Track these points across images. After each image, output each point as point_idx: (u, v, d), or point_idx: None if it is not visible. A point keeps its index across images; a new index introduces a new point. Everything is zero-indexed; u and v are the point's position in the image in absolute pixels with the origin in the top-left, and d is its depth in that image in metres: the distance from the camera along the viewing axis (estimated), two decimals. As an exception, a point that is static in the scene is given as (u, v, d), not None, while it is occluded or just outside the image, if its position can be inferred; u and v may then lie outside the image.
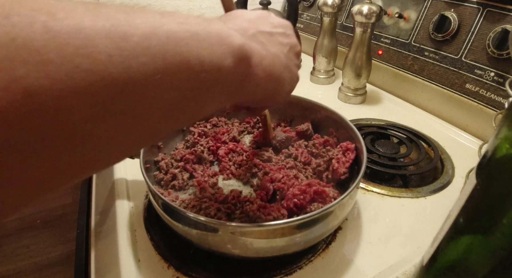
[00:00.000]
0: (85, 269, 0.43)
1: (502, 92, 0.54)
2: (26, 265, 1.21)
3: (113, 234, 0.40)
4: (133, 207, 0.43)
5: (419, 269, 0.28)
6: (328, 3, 0.70)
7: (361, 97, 0.70)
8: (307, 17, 1.00)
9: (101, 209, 0.48)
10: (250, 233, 0.30)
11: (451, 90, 0.62)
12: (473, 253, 0.22)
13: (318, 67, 0.80)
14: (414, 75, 0.68)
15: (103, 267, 0.39)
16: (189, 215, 0.30)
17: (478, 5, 0.57)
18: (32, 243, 1.29)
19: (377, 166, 0.48)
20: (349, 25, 0.85)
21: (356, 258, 0.36)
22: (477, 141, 0.57)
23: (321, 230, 0.32)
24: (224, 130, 0.49)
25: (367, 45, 0.64)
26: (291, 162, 0.44)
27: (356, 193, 0.37)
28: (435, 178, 0.49)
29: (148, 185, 0.34)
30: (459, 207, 0.22)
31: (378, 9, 0.60)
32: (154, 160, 0.44)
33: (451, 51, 0.61)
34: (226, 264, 0.35)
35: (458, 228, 0.22)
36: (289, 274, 0.34)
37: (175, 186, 0.41)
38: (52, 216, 1.42)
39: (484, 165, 0.19)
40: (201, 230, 0.30)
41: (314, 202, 0.36)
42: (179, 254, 0.36)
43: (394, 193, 0.45)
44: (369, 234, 0.39)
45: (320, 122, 0.49)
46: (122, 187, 0.46)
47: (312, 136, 0.48)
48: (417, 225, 0.41)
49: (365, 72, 0.67)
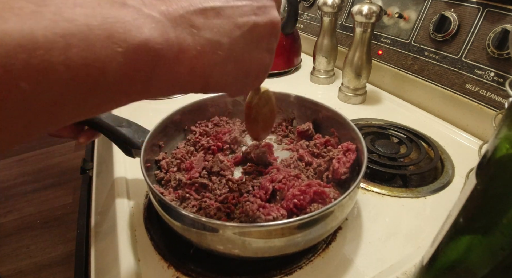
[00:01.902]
0: (85, 269, 0.43)
1: (502, 92, 0.54)
2: (26, 265, 1.21)
3: (113, 234, 0.40)
4: (133, 206, 0.43)
5: (419, 269, 0.28)
6: (328, 3, 0.70)
7: (361, 97, 0.70)
8: (307, 17, 1.00)
9: (101, 209, 0.48)
10: (251, 233, 0.29)
11: (451, 90, 0.62)
12: (473, 253, 0.22)
13: (318, 67, 0.80)
14: (414, 75, 0.68)
15: (103, 267, 0.39)
16: (189, 215, 0.30)
17: (478, 5, 0.57)
18: (32, 243, 1.29)
19: (377, 165, 0.48)
20: (349, 25, 0.85)
21: (356, 258, 0.36)
22: (477, 141, 0.57)
23: (322, 230, 0.32)
24: (226, 130, 0.49)
25: (367, 45, 0.64)
26: (294, 161, 0.44)
27: (356, 193, 0.37)
28: (435, 178, 0.49)
29: (148, 184, 0.34)
30: (459, 207, 0.22)
31: (378, 9, 0.60)
32: (155, 159, 0.44)
33: (451, 51, 0.61)
34: (226, 264, 0.35)
35: (458, 228, 0.22)
36: (289, 274, 0.34)
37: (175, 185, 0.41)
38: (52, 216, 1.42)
39: (484, 165, 0.19)
40: (201, 230, 0.30)
41: (314, 202, 0.36)
42: (179, 254, 0.36)
43: (394, 193, 0.45)
44: (369, 234, 0.39)
45: (321, 122, 0.49)
46: (122, 187, 0.46)
47: (314, 137, 0.48)
48: (417, 225, 0.41)
49: (365, 72, 0.67)
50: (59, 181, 1.63)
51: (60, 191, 1.57)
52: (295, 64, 0.89)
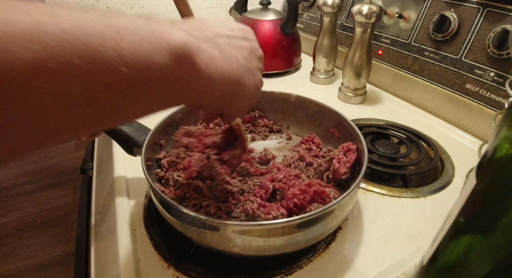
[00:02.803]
0: (85, 269, 0.43)
1: (502, 92, 0.54)
2: (26, 265, 1.21)
3: (113, 234, 0.40)
4: (133, 206, 0.43)
5: (419, 269, 0.28)
6: (328, 3, 0.70)
7: (361, 97, 0.70)
8: (307, 17, 1.00)
9: (101, 209, 0.48)
10: (251, 232, 0.30)
11: (451, 90, 0.62)
12: (473, 253, 0.22)
13: (318, 67, 0.80)
14: (414, 75, 0.68)
15: (103, 267, 0.39)
16: (190, 213, 0.30)
17: (478, 5, 0.57)
18: (32, 243, 1.29)
19: (377, 165, 0.48)
20: (349, 25, 0.85)
21: (356, 258, 0.36)
22: (477, 141, 0.57)
23: (322, 229, 0.32)
24: (209, 133, 0.49)
25: (367, 45, 0.64)
26: (294, 161, 0.44)
27: (356, 193, 0.37)
28: (435, 178, 0.49)
29: (149, 182, 0.34)
30: (459, 207, 0.22)
31: (378, 9, 0.60)
32: (156, 157, 0.44)
33: (451, 51, 0.61)
34: (226, 264, 0.35)
35: (458, 228, 0.22)
36: (289, 274, 0.34)
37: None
38: (52, 216, 1.42)
39: (484, 165, 0.19)
40: (202, 228, 0.30)
41: (314, 202, 0.36)
42: (179, 254, 0.36)
43: (394, 193, 0.45)
44: (369, 234, 0.39)
45: (322, 122, 0.49)
46: (122, 186, 0.46)
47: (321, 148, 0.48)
48: (417, 225, 0.41)
49: (365, 72, 0.67)
50: (59, 181, 1.63)
51: (60, 191, 1.56)
52: (295, 64, 0.89)
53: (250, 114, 0.54)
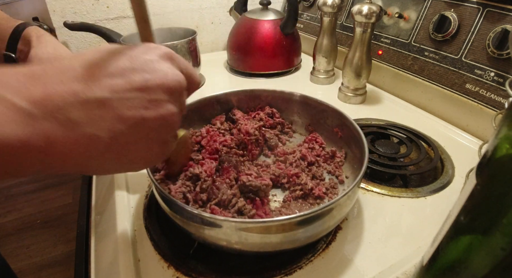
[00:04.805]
0: (85, 269, 0.43)
1: (502, 92, 0.54)
2: (26, 265, 1.21)
3: (113, 234, 0.40)
4: (133, 206, 0.43)
5: (419, 269, 0.28)
6: (328, 3, 0.70)
7: (361, 97, 0.70)
8: (307, 17, 1.00)
9: (101, 209, 0.48)
10: (250, 229, 0.30)
11: (451, 90, 0.62)
12: (473, 253, 0.22)
13: (318, 67, 0.80)
14: (414, 75, 0.68)
15: (103, 267, 0.39)
16: (193, 211, 0.30)
17: (478, 5, 0.57)
18: (32, 243, 1.29)
19: (377, 165, 0.48)
20: (349, 25, 0.85)
21: (356, 258, 0.36)
22: (477, 141, 0.57)
23: (321, 227, 0.32)
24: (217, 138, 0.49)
25: (367, 45, 0.64)
26: (296, 160, 0.44)
27: (356, 192, 0.37)
28: (435, 178, 0.49)
29: (151, 178, 0.34)
30: (459, 207, 0.22)
31: (378, 9, 0.60)
32: None
33: (451, 51, 0.61)
34: (226, 263, 0.35)
35: (458, 228, 0.22)
36: (289, 274, 0.34)
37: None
38: (52, 216, 1.42)
39: (484, 165, 0.19)
40: (203, 225, 0.30)
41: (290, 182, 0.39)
42: (179, 253, 0.36)
43: (394, 193, 0.45)
44: (369, 234, 0.39)
45: (326, 121, 0.49)
46: (122, 186, 0.46)
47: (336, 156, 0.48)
48: (417, 225, 0.41)
49: (365, 72, 0.67)
50: (59, 181, 1.63)
51: (60, 191, 1.57)
52: (295, 64, 0.89)
53: (267, 112, 0.53)
